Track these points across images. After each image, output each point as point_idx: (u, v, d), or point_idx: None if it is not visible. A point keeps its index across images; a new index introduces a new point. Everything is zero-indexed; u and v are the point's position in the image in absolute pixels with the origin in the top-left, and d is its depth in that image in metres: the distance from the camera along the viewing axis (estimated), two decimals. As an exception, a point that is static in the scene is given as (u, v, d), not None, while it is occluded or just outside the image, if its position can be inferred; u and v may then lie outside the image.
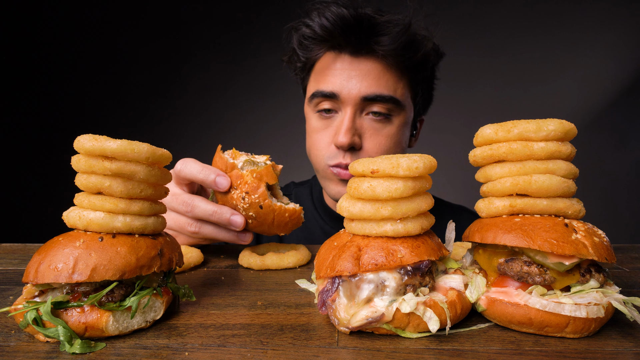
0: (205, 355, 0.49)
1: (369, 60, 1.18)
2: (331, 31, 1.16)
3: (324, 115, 1.24)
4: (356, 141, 1.17)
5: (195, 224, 0.87)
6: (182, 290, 0.64)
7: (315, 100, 1.23)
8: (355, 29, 1.14)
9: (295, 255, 0.89)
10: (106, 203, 0.55)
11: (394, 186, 0.52)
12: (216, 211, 0.84)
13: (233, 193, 0.81)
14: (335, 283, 0.55)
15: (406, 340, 0.52)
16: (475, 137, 0.62)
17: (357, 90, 1.16)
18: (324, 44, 1.22)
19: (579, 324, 0.51)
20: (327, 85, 1.19)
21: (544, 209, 0.57)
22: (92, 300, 0.52)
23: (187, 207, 0.85)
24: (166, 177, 0.62)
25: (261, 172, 0.81)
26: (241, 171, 0.82)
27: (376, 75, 1.17)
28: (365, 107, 1.19)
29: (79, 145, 0.54)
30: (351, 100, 1.17)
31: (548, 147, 0.56)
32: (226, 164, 0.83)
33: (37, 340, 0.52)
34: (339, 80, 1.18)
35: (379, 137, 1.20)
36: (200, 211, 0.84)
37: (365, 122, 1.20)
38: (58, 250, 0.53)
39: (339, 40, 1.17)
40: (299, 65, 1.33)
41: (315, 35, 1.20)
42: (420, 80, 1.30)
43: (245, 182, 0.81)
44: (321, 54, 1.25)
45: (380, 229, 0.54)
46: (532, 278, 0.54)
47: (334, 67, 1.20)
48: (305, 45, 1.26)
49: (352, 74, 1.17)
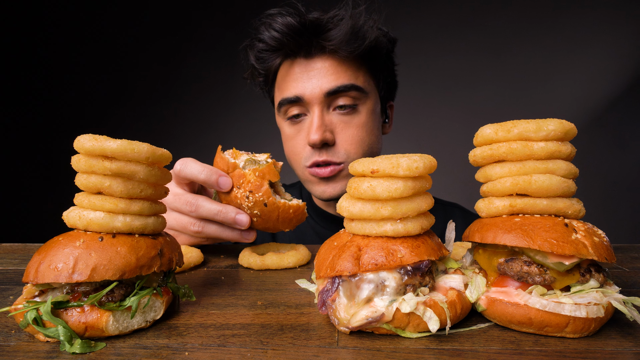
0: (205, 355, 0.49)
1: (322, 58, 1.23)
2: (281, 40, 1.22)
3: (294, 120, 1.29)
4: (328, 137, 1.21)
5: (199, 224, 0.87)
6: (182, 290, 0.64)
7: (283, 109, 1.29)
8: (302, 33, 1.19)
9: (295, 255, 0.89)
10: (106, 203, 0.55)
11: (394, 186, 0.52)
12: (221, 210, 0.83)
13: (237, 192, 0.82)
14: (335, 283, 0.55)
15: (406, 340, 0.52)
16: (475, 137, 0.62)
17: (319, 88, 1.20)
18: (278, 53, 1.28)
19: (578, 323, 0.51)
20: (290, 91, 1.25)
21: (544, 209, 0.57)
22: (92, 300, 0.52)
23: (192, 206, 0.85)
24: (166, 177, 0.62)
25: (263, 170, 0.82)
26: (243, 170, 0.82)
27: (334, 70, 1.22)
28: (331, 103, 1.24)
29: (79, 145, 0.54)
30: (315, 99, 1.21)
31: (548, 147, 0.56)
32: (228, 164, 0.84)
33: (37, 340, 0.52)
34: (300, 83, 1.23)
35: (350, 128, 1.24)
36: (205, 211, 0.84)
37: (333, 117, 1.25)
38: (58, 250, 0.53)
39: (290, 46, 1.23)
40: (261, 80, 1.40)
41: (268, 47, 1.26)
42: (379, 68, 1.35)
43: (248, 181, 0.81)
44: (278, 63, 1.31)
45: (380, 229, 0.54)
46: (532, 278, 0.54)
47: (293, 72, 1.26)
48: (262, 59, 1.32)
49: (310, 74, 1.22)
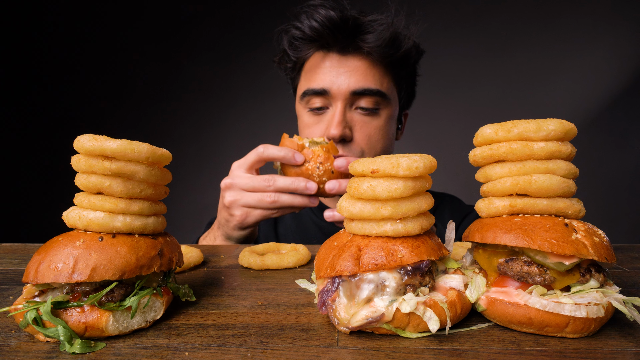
0: (205, 355, 0.49)
1: (355, 57, 1.25)
2: (320, 32, 1.23)
3: (316, 112, 1.31)
4: (347, 133, 1.24)
5: (274, 195, 1.05)
6: (182, 290, 0.64)
7: (307, 98, 1.30)
8: (342, 29, 1.21)
9: (295, 255, 0.89)
10: (106, 203, 0.55)
11: (394, 186, 0.52)
12: (294, 181, 1.03)
13: (307, 165, 1.03)
14: (335, 283, 0.55)
15: (406, 340, 0.52)
16: (475, 137, 0.62)
17: (346, 86, 1.23)
18: (313, 44, 1.29)
19: (579, 323, 0.51)
20: (317, 83, 1.27)
21: (544, 209, 0.57)
22: (92, 300, 0.52)
23: (269, 181, 1.05)
24: (166, 177, 0.62)
25: (327, 146, 1.04)
26: (311, 148, 1.03)
27: (363, 71, 1.24)
28: (354, 102, 1.26)
29: (79, 145, 0.54)
30: (341, 95, 1.24)
31: (548, 147, 0.56)
32: (296, 145, 1.04)
33: (37, 340, 0.52)
34: (329, 77, 1.25)
35: (369, 128, 1.27)
36: (281, 183, 1.04)
37: (355, 115, 1.27)
38: (58, 250, 0.53)
39: (327, 39, 1.25)
40: (290, 66, 1.42)
41: (304, 36, 1.28)
42: (403, 76, 1.38)
43: (317, 155, 1.02)
44: (310, 54, 1.33)
45: (380, 229, 0.54)
46: (532, 278, 0.54)
47: (323, 65, 1.27)
48: (295, 46, 1.33)
49: (340, 70, 1.24)
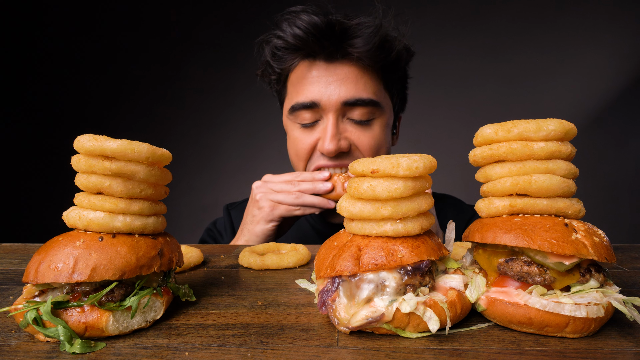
0: (205, 355, 0.49)
1: (344, 64, 1.16)
2: (304, 39, 1.14)
3: (306, 126, 1.23)
4: (342, 145, 1.17)
5: (298, 193, 1.13)
6: (182, 290, 0.64)
7: (296, 113, 1.22)
8: (327, 35, 1.13)
9: (295, 255, 0.89)
10: (106, 203, 0.55)
11: (394, 186, 0.52)
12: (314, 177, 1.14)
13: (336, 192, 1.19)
14: (335, 283, 0.55)
15: (406, 340, 0.52)
16: (475, 137, 0.62)
17: (337, 96, 1.14)
18: (298, 53, 1.20)
19: (578, 323, 0.51)
20: (306, 95, 1.18)
21: (544, 209, 0.57)
22: (92, 300, 0.52)
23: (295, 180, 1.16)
24: (166, 177, 0.62)
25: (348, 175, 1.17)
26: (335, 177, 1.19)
27: (353, 78, 1.15)
28: (347, 112, 1.18)
29: (79, 145, 0.54)
30: (332, 107, 1.15)
31: (548, 147, 0.56)
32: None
33: (37, 340, 0.52)
34: (317, 87, 1.16)
35: (365, 138, 1.20)
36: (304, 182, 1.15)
37: (348, 125, 1.19)
38: (58, 250, 0.53)
39: (312, 47, 1.16)
40: (274, 78, 1.32)
41: (288, 45, 1.19)
42: (395, 80, 1.29)
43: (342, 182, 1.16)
44: (295, 64, 1.24)
45: (380, 229, 0.54)
46: (532, 278, 0.54)
47: (310, 75, 1.18)
48: (278, 57, 1.24)
49: (329, 79, 1.15)
